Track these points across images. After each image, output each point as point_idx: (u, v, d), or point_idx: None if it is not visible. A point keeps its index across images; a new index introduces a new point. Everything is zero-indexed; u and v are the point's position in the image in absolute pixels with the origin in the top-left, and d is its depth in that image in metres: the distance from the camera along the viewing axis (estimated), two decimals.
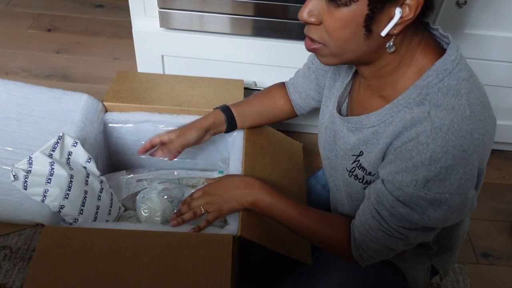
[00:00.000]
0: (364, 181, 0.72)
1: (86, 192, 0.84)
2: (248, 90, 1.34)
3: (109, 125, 1.07)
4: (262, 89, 1.01)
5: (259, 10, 1.21)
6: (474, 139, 0.59)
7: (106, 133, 1.08)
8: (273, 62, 1.32)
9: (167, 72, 1.37)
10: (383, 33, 0.59)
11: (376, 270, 0.83)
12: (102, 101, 1.05)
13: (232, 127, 0.97)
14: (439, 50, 0.64)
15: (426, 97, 0.61)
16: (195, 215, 0.81)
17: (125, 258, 0.72)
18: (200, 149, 1.10)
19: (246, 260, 1.02)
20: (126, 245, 0.74)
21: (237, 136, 0.99)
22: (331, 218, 0.77)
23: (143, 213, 0.90)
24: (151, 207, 0.90)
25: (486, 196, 1.45)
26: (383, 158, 0.67)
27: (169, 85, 1.13)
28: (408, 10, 0.57)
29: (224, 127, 0.96)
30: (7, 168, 0.84)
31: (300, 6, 0.62)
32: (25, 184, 0.79)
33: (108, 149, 1.11)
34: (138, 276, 0.71)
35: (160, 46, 1.30)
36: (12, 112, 0.94)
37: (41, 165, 0.80)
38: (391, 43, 0.61)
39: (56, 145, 0.84)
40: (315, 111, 0.94)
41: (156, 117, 1.06)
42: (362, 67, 0.68)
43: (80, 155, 0.88)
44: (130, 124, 1.07)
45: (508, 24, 1.22)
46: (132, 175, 1.02)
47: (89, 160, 0.89)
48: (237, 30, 1.26)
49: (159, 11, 1.22)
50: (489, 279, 1.24)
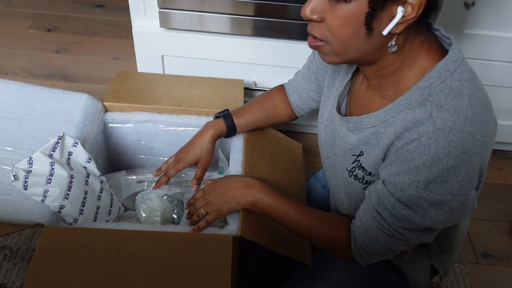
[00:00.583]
0: (364, 181, 0.72)
1: (86, 192, 0.84)
2: (248, 90, 1.34)
3: (109, 125, 1.07)
4: (263, 93, 1.01)
5: (259, 10, 1.21)
6: (476, 141, 0.59)
7: (106, 133, 1.08)
8: (273, 62, 1.32)
9: (167, 72, 1.37)
10: (385, 32, 0.58)
11: (376, 270, 0.83)
12: (102, 101, 1.05)
13: (231, 135, 0.97)
14: (442, 51, 0.64)
15: (428, 98, 0.61)
16: (199, 217, 0.81)
17: (125, 258, 0.72)
18: None
19: (246, 260, 1.02)
20: (126, 245, 0.74)
21: (237, 137, 0.99)
22: (331, 218, 0.77)
23: (143, 213, 0.90)
24: (151, 207, 0.90)
25: (486, 196, 1.45)
26: (384, 159, 0.67)
27: (169, 85, 1.13)
28: (411, 9, 0.57)
29: (223, 136, 0.96)
30: (7, 168, 0.84)
31: (300, 6, 0.62)
32: (25, 184, 0.79)
33: (108, 149, 1.11)
34: (138, 276, 0.71)
35: (160, 46, 1.30)
36: (12, 112, 0.94)
37: (41, 165, 0.80)
38: (393, 43, 0.61)
39: (56, 145, 0.84)
40: (315, 112, 0.94)
41: (156, 117, 1.06)
42: (365, 67, 0.68)
43: (80, 155, 0.88)
44: (130, 124, 1.07)
45: (509, 24, 1.22)
46: (132, 176, 1.02)
47: (89, 160, 0.89)
48: (237, 30, 1.26)
49: (159, 11, 1.22)
50: (489, 279, 1.24)
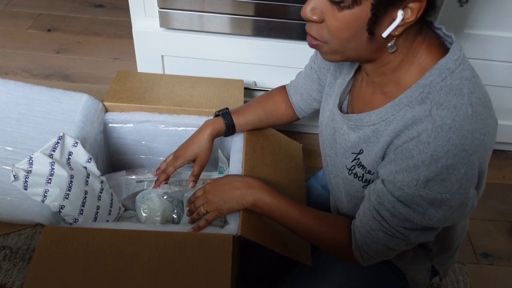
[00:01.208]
0: (364, 180, 0.72)
1: (86, 192, 0.84)
2: (248, 90, 1.34)
3: (109, 125, 1.07)
4: (264, 93, 1.00)
5: (259, 10, 1.21)
6: (475, 139, 0.59)
7: (106, 133, 1.08)
8: (273, 62, 1.32)
9: (167, 72, 1.37)
10: (385, 35, 0.59)
11: (376, 271, 0.83)
12: (102, 101, 1.05)
13: (230, 134, 0.97)
14: (443, 49, 0.64)
15: (428, 96, 0.61)
16: (199, 215, 0.81)
17: (125, 258, 0.72)
18: None
19: (246, 260, 1.02)
20: (126, 245, 0.74)
21: (237, 136, 0.99)
22: (332, 219, 0.77)
23: (143, 213, 0.90)
24: (151, 207, 0.90)
25: (486, 196, 1.44)
26: (383, 157, 0.67)
27: (169, 85, 1.13)
28: (410, 13, 0.57)
29: (222, 134, 0.96)
30: (7, 168, 0.84)
31: (301, 6, 0.62)
32: (26, 184, 0.79)
33: (108, 149, 1.11)
34: (138, 276, 0.71)
35: (160, 46, 1.30)
36: (12, 112, 0.94)
37: (42, 165, 0.80)
38: (392, 43, 0.61)
39: (57, 145, 0.84)
40: (315, 112, 0.94)
41: (156, 117, 1.06)
42: (365, 64, 0.68)
43: (81, 155, 0.88)
44: (130, 124, 1.07)
45: (509, 24, 1.22)
46: (132, 176, 1.02)
47: (90, 160, 0.89)
48: (237, 30, 1.26)
49: (159, 11, 1.22)
50: (489, 279, 1.24)
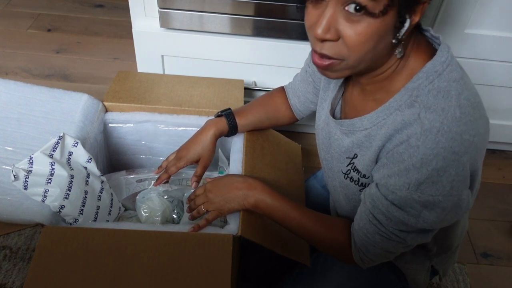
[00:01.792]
0: (360, 184, 0.72)
1: (87, 192, 0.84)
2: (248, 90, 1.34)
3: (109, 125, 1.07)
4: (264, 94, 1.01)
5: (259, 10, 1.21)
6: (465, 140, 0.59)
7: (106, 133, 1.08)
8: (273, 62, 1.32)
9: (167, 72, 1.37)
10: (396, 40, 0.58)
11: (376, 271, 0.83)
12: (102, 101, 1.05)
13: (232, 134, 0.97)
14: (431, 51, 0.64)
15: (417, 99, 0.61)
16: (199, 214, 0.81)
17: (125, 258, 0.72)
18: None
19: (246, 260, 1.02)
20: (126, 245, 0.74)
21: (237, 137, 0.99)
22: (332, 221, 0.77)
23: (143, 213, 0.90)
24: (151, 207, 0.90)
25: (486, 196, 1.45)
26: (377, 161, 0.67)
27: (169, 85, 1.13)
28: (416, 14, 0.57)
29: (224, 135, 0.96)
30: (7, 168, 0.84)
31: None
32: (26, 184, 0.79)
33: (108, 149, 1.11)
34: (138, 276, 0.71)
35: (160, 46, 1.30)
36: (12, 112, 0.94)
37: (42, 165, 0.80)
38: (400, 49, 0.61)
39: (57, 145, 0.84)
40: (315, 112, 0.94)
41: (156, 117, 1.06)
42: (360, 74, 0.67)
43: (81, 155, 0.88)
44: (130, 124, 1.07)
45: (508, 24, 1.22)
46: (132, 175, 1.02)
47: (90, 160, 0.89)
48: (237, 30, 1.26)
49: (159, 11, 1.22)
50: (489, 279, 1.24)
